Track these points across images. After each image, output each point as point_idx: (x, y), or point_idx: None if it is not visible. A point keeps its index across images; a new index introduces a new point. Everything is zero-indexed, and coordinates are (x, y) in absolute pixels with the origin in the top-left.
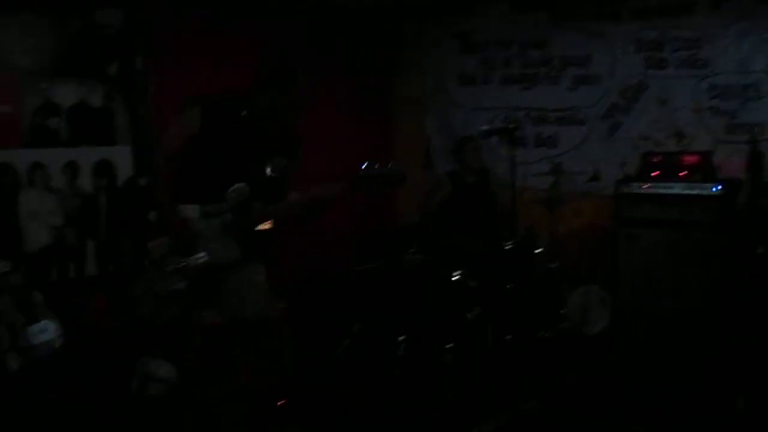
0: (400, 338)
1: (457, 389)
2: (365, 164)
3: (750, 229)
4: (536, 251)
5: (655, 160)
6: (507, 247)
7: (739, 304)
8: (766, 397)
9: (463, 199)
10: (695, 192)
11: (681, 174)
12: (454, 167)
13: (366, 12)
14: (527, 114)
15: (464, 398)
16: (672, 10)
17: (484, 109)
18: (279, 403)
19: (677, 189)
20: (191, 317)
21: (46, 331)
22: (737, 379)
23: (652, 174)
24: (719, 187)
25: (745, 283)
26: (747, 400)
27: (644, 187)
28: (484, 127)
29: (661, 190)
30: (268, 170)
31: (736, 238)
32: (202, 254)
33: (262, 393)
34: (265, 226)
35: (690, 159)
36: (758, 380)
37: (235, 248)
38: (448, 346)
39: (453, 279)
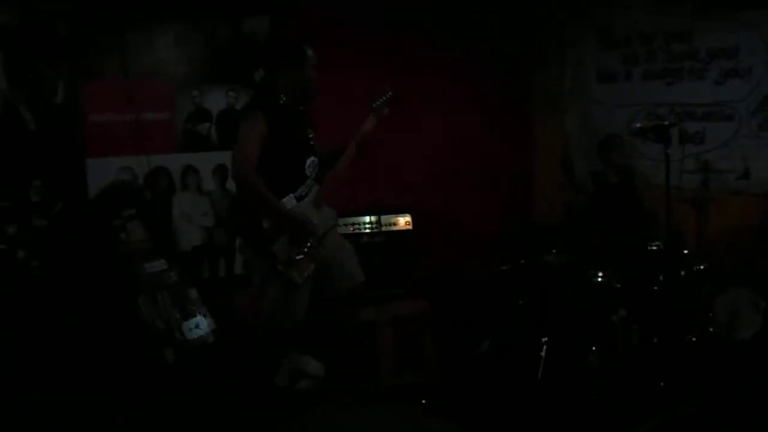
0: (543, 339)
1: (602, 391)
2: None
3: None
4: (683, 252)
5: None
6: (652, 248)
7: None
8: None
9: (608, 199)
10: None
11: None
12: (597, 166)
13: (503, 8)
14: (671, 110)
15: (609, 401)
16: None
17: (625, 106)
18: (422, 402)
19: None
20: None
21: (200, 326)
22: None
23: None
24: None
25: None
26: None
27: None
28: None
29: None
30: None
31: None
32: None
33: (408, 391)
34: None
35: None
36: None
37: (332, 214)
38: (593, 348)
39: (597, 280)
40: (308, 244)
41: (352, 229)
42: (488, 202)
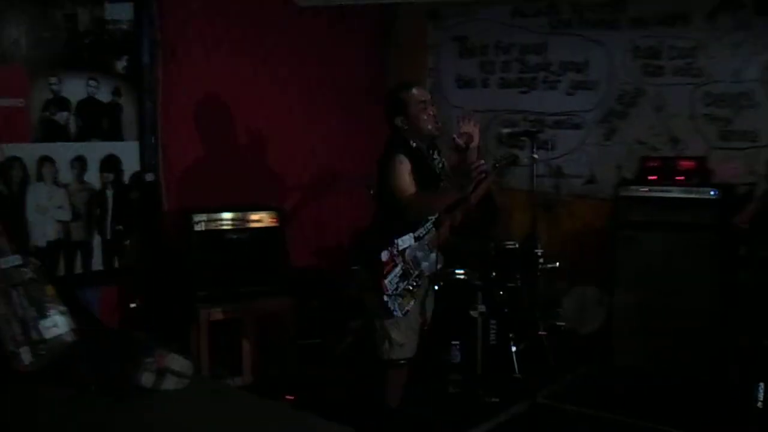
0: None
1: (461, 385)
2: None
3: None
4: (536, 252)
5: (652, 164)
6: (509, 247)
7: (732, 304)
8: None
9: None
10: (693, 196)
11: (678, 178)
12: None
13: (367, 11)
14: (525, 118)
15: (468, 394)
16: (669, 19)
17: (482, 111)
18: (289, 398)
19: (676, 193)
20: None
21: (57, 325)
22: (752, 372)
23: (650, 178)
24: (716, 192)
25: (738, 283)
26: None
27: (643, 190)
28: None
29: (660, 194)
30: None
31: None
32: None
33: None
34: None
35: (687, 164)
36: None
37: (441, 259)
38: (454, 343)
39: (458, 277)
40: (414, 283)
41: (216, 224)
42: (355, 202)
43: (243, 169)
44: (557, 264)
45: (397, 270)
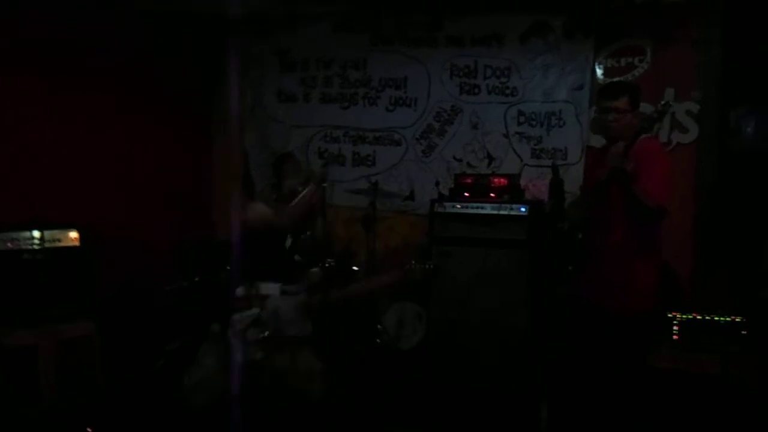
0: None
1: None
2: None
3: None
4: (353, 268)
5: (466, 181)
6: (326, 265)
7: (545, 315)
8: (567, 404)
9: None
10: (504, 212)
11: (491, 195)
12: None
13: (186, 24)
14: (346, 133)
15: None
16: (485, 39)
17: (303, 126)
18: (87, 429)
19: (487, 209)
20: None
21: None
22: (541, 388)
23: (464, 194)
24: (526, 208)
25: (548, 297)
26: (549, 408)
27: (456, 206)
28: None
29: (472, 210)
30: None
31: (540, 254)
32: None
33: (72, 416)
34: None
35: (499, 181)
36: (560, 389)
37: (309, 325)
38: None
39: None
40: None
41: (10, 245)
42: (167, 218)
43: (38, 184)
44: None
45: (251, 312)
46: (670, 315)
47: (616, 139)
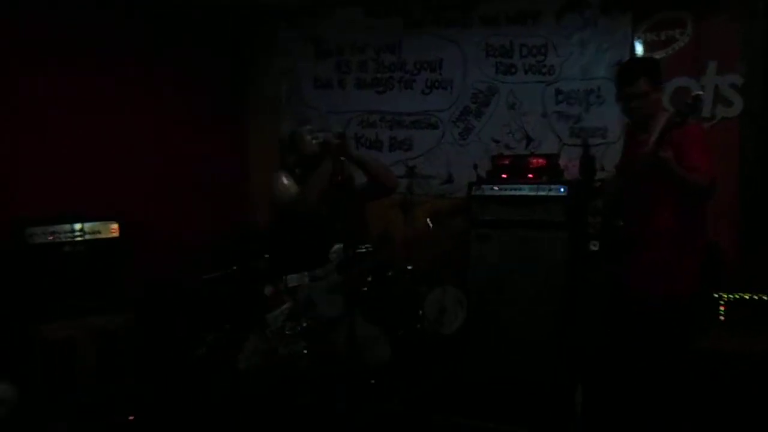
0: None
1: (313, 393)
2: None
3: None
4: (391, 253)
5: (504, 162)
6: (362, 250)
7: (581, 300)
8: (602, 389)
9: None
10: (542, 193)
11: (529, 176)
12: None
13: (219, 13)
14: (382, 117)
15: (320, 402)
16: (520, 18)
17: (339, 112)
18: (130, 418)
19: (525, 190)
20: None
21: None
22: (576, 373)
23: (502, 176)
24: (564, 189)
25: (586, 279)
26: (584, 393)
27: (494, 188)
28: None
29: (510, 192)
30: None
31: (575, 236)
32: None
33: (110, 408)
34: None
35: (537, 161)
36: (595, 374)
37: (341, 304)
38: (305, 351)
39: None
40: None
41: (52, 237)
42: (203, 209)
43: (78, 178)
44: (412, 266)
45: (284, 308)
46: (716, 295)
47: (645, 121)
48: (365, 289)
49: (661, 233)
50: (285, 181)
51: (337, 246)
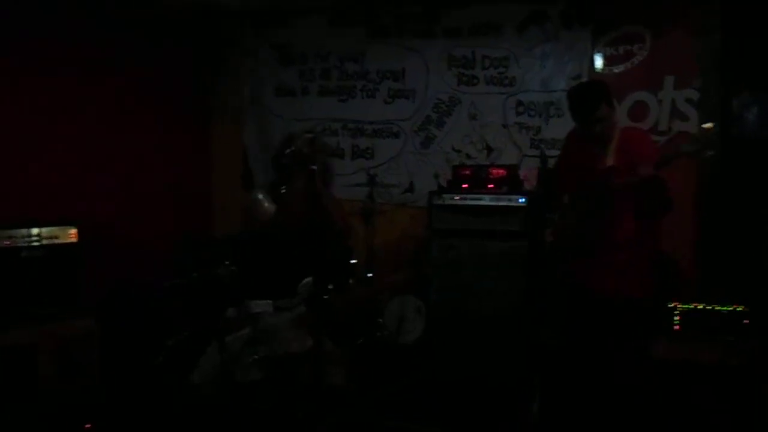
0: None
1: (274, 399)
2: None
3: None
4: (352, 261)
5: (465, 172)
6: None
7: (539, 308)
8: (560, 394)
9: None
10: (502, 203)
11: (489, 186)
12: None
13: (183, 18)
14: (344, 126)
15: (281, 408)
16: (482, 30)
17: (302, 120)
18: (87, 426)
19: (485, 200)
20: None
21: None
22: (533, 382)
23: (463, 186)
24: (524, 199)
25: (545, 288)
26: (540, 403)
27: (455, 198)
28: None
29: (470, 202)
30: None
31: (533, 246)
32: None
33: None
34: None
35: (497, 172)
36: (554, 379)
37: (309, 339)
38: (260, 356)
39: None
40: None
41: (8, 242)
42: (164, 214)
43: (36, 182)
44: (372, 274)
45: (244, 333)
46: (671, 305)
47: (603, 142)
48: (325, 297)
49: (620, 242)
50: (266, 204)
51: (306, 280)
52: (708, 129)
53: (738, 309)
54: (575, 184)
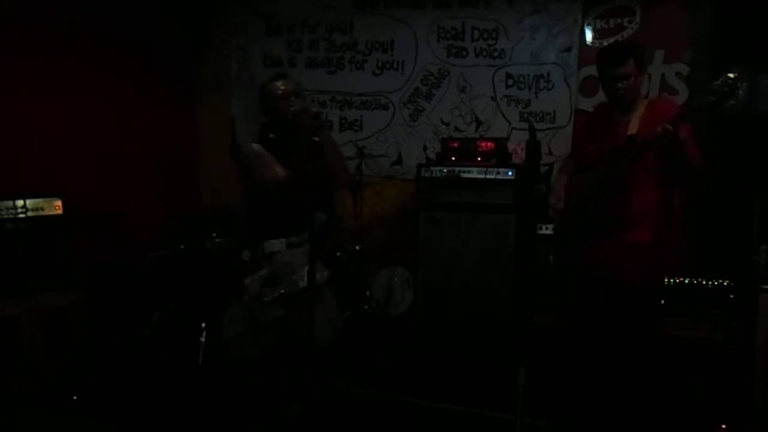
0: (203, 324)
1: (263, 374)
2: None
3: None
4: (341, 233)
5: (453, 145)
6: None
7: (527, 280)
8: (549, 369)
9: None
10: (490, 176)
11: (478, 159)
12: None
13: None
14: (333, 98)
15: (269, 382)
16: (471, 1)
17: None
18: (74, 398)
19: (474, 173)
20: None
21: None
22: (522, 353)
23: (451, 158)
24: (512, 172)
25: (533, 261)
26: (527, 374)
27: (443, 170)
28: None
29: (459, 174)
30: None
31: (522, 219)
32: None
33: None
34: None
35: (486, 145)
36: (541, 354)
37: (325, 270)
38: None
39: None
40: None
41: None
42: (152, 186)
43: (20, 154)
44: (362, 246)
45: (262, 273)
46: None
47: (625, 105)
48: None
49: (641, 216)
50: (278, 169)
51: (319, 214)
52: (733, 78)
53: (724, 283)
54: (596, 154)
